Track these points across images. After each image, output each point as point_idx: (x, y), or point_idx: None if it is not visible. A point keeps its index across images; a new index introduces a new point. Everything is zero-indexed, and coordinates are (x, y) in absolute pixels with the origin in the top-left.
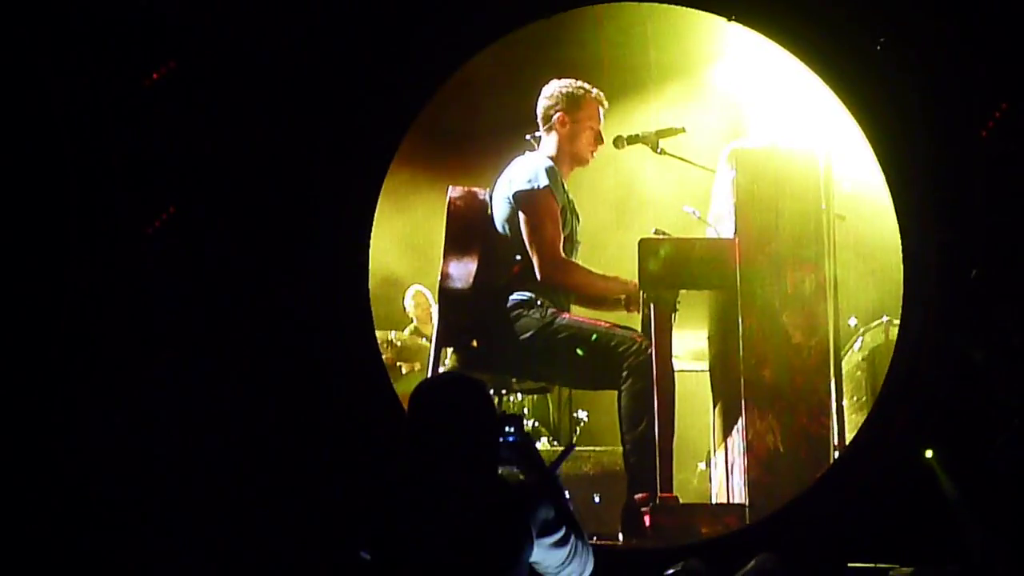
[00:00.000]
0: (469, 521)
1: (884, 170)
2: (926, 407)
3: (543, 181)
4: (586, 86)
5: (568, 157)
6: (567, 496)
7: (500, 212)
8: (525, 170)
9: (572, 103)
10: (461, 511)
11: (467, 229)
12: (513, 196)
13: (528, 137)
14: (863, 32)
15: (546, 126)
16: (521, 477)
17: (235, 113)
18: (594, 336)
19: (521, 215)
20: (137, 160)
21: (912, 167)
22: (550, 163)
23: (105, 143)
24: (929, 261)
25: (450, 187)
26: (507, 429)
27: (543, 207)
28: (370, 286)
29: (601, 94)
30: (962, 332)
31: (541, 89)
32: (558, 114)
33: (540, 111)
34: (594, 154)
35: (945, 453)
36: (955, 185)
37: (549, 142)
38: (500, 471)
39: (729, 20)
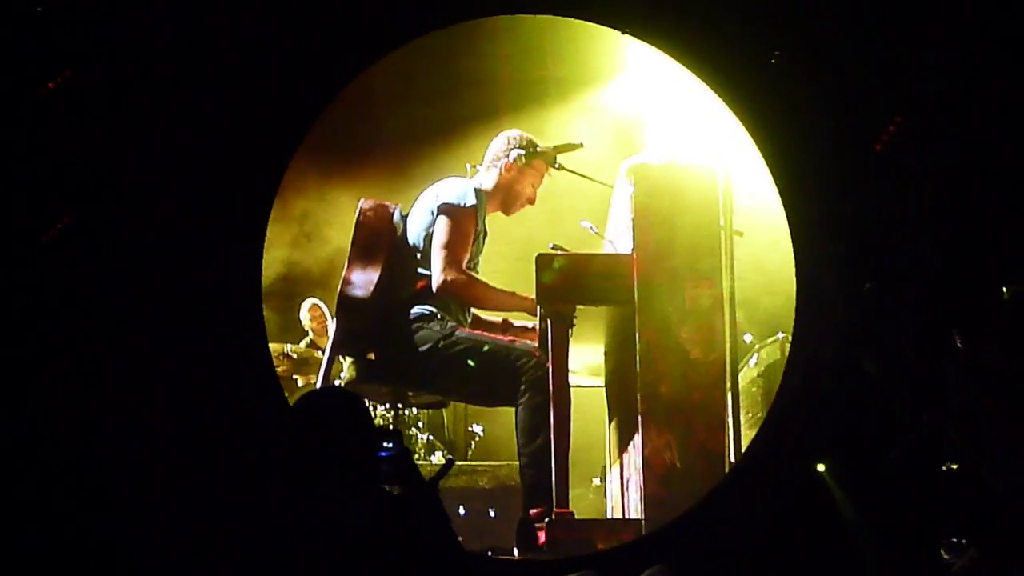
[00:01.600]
0: (349, 531)
1: (777, 183)
2: (819, 420)
3: (471, 200)
4: (549, 149)
5: (500, 197)
6: (446, 511)
7: (418, 224)
8: (456, 188)
9: (527, 160)
10: (341, 522)
11: (374, 240)
12: (438, 207)
13: (468, 166)
14: (757, 45)
15: (491, 164)
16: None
17: (129, 123)
18: (492, 349)
19: (438, 224)
20: (33, 168)
21: (806, 180)
22: (482, 189)
23: (2, 151)
24: (823, 274)
25: (362, 200)
26: (385, 444)
27: (462, 222)
28: (264, 299)
29: (553, 161)
30: (855, 345)
31: (504, 131)
32: (507, 161)
33: (491, 151)
34: (517, 212)
35: (838, 466)
36: (849, 198)
37: (488, 177)
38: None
39: (623, 33)
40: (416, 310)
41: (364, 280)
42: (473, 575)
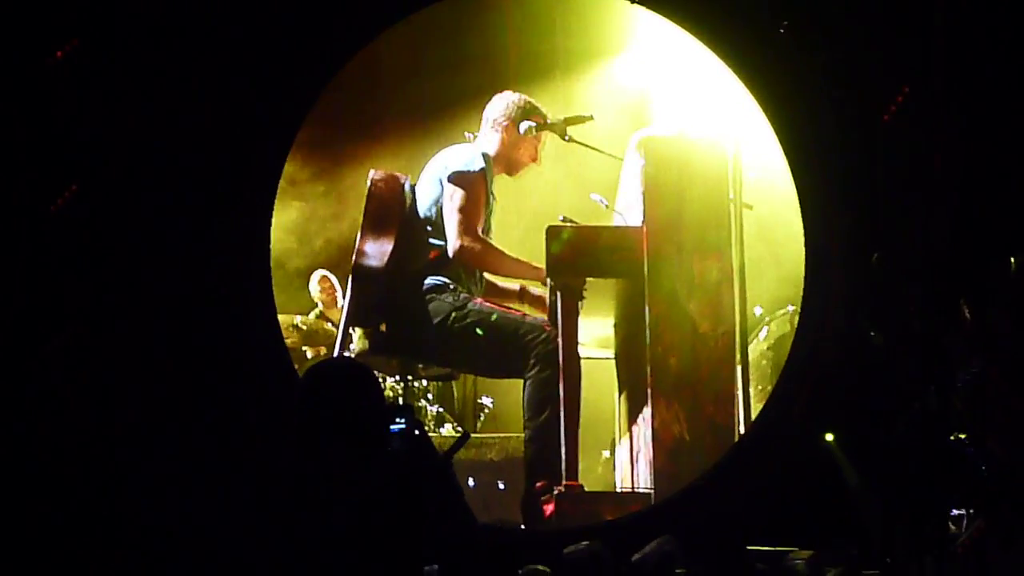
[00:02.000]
0: (361, 498)
1: (785, 153)
2: (826, 391)
3: (479, 165)
4: (538, 105)
5: (504, 160)
6: (460, 484)
7: (428, 194)
8: (463, 154)
9: (520, 119)
10: (352, 491)
11: (386, 211)
12: (447, 176)
13: (467, 135)
14: (766, 15)
15: (491, 129)
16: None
17: (136, 93)
18: (502, 321)
19: (448, 191)
20: (40, 139)
21: (815, 151)
22: (488, 154)
23: (7, 122)
24: (831, 245)
25: (372, 171)
26: (397, 420)
27: (474, 187)
28: (273, 270)
29: (550, 118)
30: (863, 316)
31: (496, 95)
32: (506, 122)
33: (487, 117)
34: (524, 168)
35: (845, 437)
36: (857, 169)
37: (491, 142)
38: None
39: (632, 2)
40: (429, 281)
41: (377, 251)
42: (485, 546)
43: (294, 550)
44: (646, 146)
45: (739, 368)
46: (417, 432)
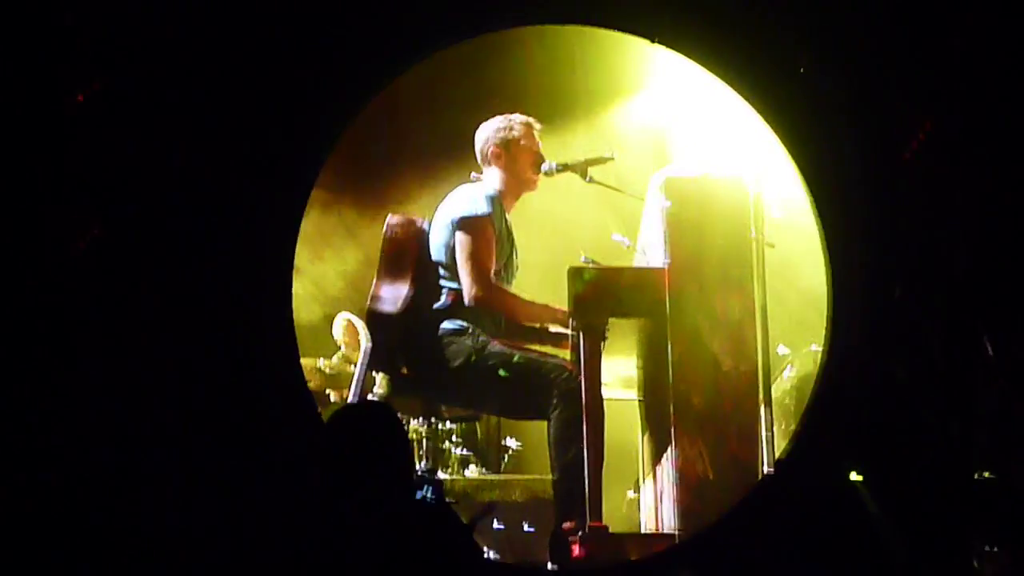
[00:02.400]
0: (379, 543)
1: (808, 191)
2: (851, 427)
3: (484, 208)
4: (511, 117)
5: (513, 188)
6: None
7: (439, 238)
8: (468, 197)
9: (504, 135)
10: (372, 535)
11: (402, 255)
12: (453, 221)
13: (472, 176)
14: (787, 53)
15: (486, 165)
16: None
17: (159, 134)
18: (524, 363)
19: (457, 238)
20: (65, 180)
21: (836, 188)
22: (493, 192)
23: (33, 162)
24: (853, 282)
25: (389, 215)
26: (427, 492)
27: (480, 232)
28: (298, 314)
29: (529, 119)
30: (886, 353)
31: (474, 125)
32: (493, 149)
33: (478, 152)
34: (538, 175)
35: (870, 473)
36: (879, 205)
37: (492, 177)
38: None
39: (652, 42)
40: (446, 325)
41: (393, 295)
42: None
43: None
44: (668, 186)
45: (762, 406)
46: (442, 504)
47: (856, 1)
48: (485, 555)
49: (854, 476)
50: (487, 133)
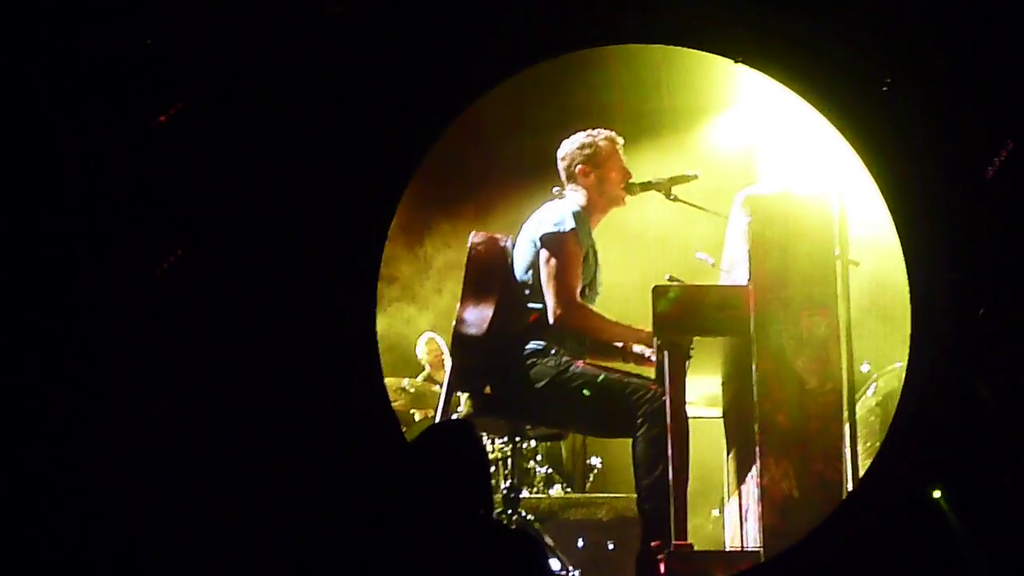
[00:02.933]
0: (467, 557)
1: (890, 209)
2: (934, 446)
3: (570, 225)
4: (595, 133)
5: (600, 204)
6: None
7: (523, 256)
8: (553, 214)
9: (589, 152)
10: (460, 549)
11: (486, 275)
12: (539, 238)
13: (554, 190)
14: (869, 72)
15: (571, 182)
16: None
17: (241, 154)
18: (607, 383)
19: (543, 256)
20: (147, 201)
21: (919, 206)
22: (578, 208)
23: (114, 185)
24: (936, 300)
25: (472, 233)
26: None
27: (566, 249)
28: (379, 332)
29: (612, 133)
30: (970, 371)
31: (557, 149)
32: (579, 166)
33: (561, 170)
34: (625, 191)
35: (953, 492)
36: (962, 224)
37: (577, 195)
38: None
39: (736, 62)
40: (530, 346)
41: (478, 318)
42: None
43: None
44: (751, 204)
45: (847, 425)
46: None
47: (939, 18)
48: (569, 573)
49: (936, 494)
50: (571, 149)
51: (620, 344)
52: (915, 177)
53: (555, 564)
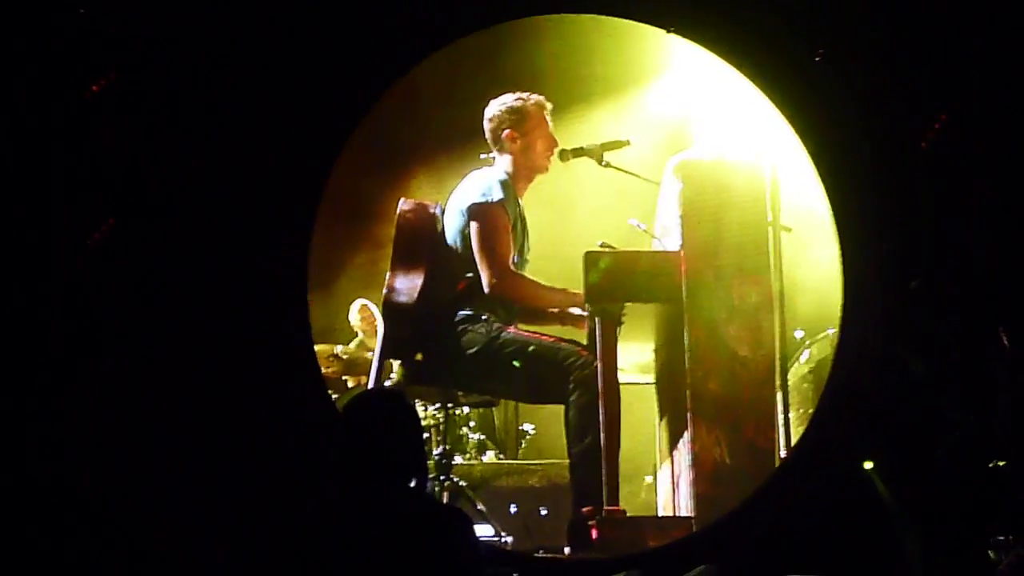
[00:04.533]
0: (399, 529)
1: (822, 179)
2: (866, 417)
3: (497, 195)
4: (524, 96)
5: (525, 171)
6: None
7: (452, 225)
8: (480, 184)
9: (517, 118)
10: (390, 520)
11: (415, 243)
12: (466, 208)
13: (482, 156)
14: (802, 42)
15: (497, 146)
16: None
17: (174, 124)
18: (539, 350)
19: (472, 227)
20: (78, 172)
21: (851, 177)
22: (505, 177)
23: (47, 155)
24: (868, 271)
25: (401, 200)
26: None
27: (495, 220)
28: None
29: (542, 98)
30: (902, 342)
31: (484, 110)
32: (506, 131)
33: (488, 133)
34: (551, 158)
35: (885, 464)
36: (895, 195)
37: (504, 160)
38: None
39: (668, 32)
40: (461, 313)
41: (407, 286)
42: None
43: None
44: (684, 170)
45: (779, 392)
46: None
47: None
48: (500, 540)
49: (867, 465)
50: (499, 111)
51: (556, 310)
52: (847, 148)
53: (488, 530)
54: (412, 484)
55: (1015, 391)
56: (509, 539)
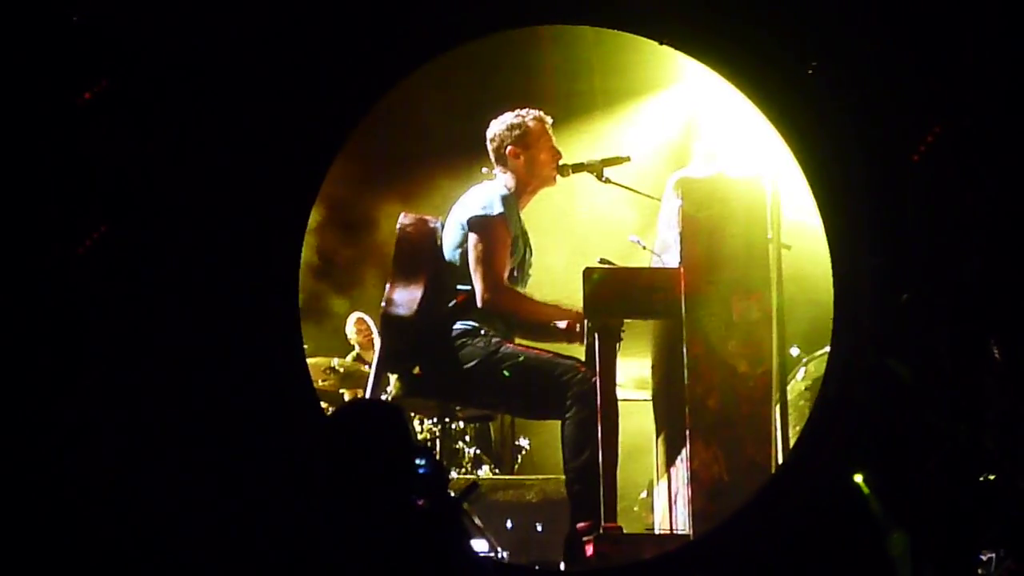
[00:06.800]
0: (383, 538)
1: (814, 193)
2: (858, 430)
3: (497, 209)
4: (523, 112)
5: (530, 186)
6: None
7: (451, 238)
8: (481, 197)
9: (518, 134)
10: (374, 529)
11: (415, 256)
12: (467, 221)
13: (484, 170)
14: (795, 55)
15: (501, 164)
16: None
17: (167, 132)
18: (537, 365)
19: (471, 239)
20: (70, 179)
21: (843, 190)
22: (507, 192)
23: (39, 162)
24: (860, 285)
25: (402, 214)
26: (418, 461)
27: (494, 234)
28: (307, 313)
29: (541, 113)
30: (893, 355)
31: (485, 131)
32: (509, 148)
33: (491, 153)
34: (556, 171)
35: (876, 476)
36: (887, 209)
37: (507, 177)
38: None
39: (661, 43)
40: (459, 326)
41: (406, 299)
42: None
43: None
44: (683, 186)
45: (777, 408)
46: (433, 474)
47: (864, 2)
48: (496, 555)
49: (858, 478)
50: (500, 130)
51: (550, 324)
52: (839, 161)
53: (483, 545)
54: (401, 493)
55: (1006, 403)
56: (505, 554)
